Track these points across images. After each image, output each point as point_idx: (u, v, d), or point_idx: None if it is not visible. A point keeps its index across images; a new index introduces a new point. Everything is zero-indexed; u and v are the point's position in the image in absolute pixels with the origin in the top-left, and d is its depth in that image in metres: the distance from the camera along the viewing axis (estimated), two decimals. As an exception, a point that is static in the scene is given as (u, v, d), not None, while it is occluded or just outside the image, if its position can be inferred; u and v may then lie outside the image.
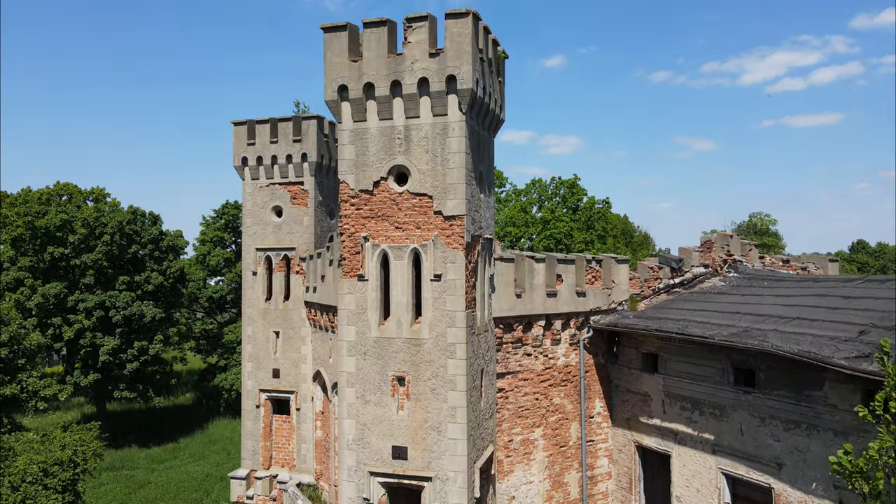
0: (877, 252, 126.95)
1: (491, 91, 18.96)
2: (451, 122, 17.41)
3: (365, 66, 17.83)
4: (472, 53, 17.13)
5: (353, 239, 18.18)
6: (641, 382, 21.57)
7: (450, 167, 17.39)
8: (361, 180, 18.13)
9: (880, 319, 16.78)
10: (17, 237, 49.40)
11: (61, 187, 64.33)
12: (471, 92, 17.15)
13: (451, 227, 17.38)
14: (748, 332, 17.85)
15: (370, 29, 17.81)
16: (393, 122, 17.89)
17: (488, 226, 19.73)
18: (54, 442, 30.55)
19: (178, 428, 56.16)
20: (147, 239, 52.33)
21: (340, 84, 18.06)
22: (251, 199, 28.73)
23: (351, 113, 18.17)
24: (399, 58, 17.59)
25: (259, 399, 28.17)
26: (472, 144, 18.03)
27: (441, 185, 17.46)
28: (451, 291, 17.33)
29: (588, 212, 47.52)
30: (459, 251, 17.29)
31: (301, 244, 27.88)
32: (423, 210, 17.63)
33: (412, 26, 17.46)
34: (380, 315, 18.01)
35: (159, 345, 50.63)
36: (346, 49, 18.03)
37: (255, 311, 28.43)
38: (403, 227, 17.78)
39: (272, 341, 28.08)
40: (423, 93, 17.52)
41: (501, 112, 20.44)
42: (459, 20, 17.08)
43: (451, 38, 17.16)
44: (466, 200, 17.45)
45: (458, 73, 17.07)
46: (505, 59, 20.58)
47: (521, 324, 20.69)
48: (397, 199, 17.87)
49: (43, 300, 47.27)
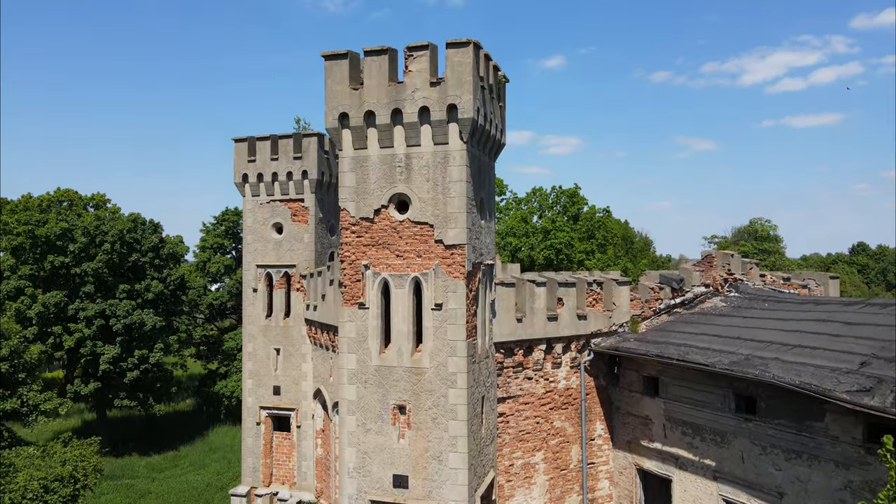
0: (877, 254, 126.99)
1: (492, 117, 18.93)
2: (452, 151, 17.39)
3: (366, 94, 17.80)
4: (473, 82, 17.10)
5: (353, 267, 18.16)
6: (642, 406, 21.56)
7: (451, 196, 17.36)
8: (362, 208, 18.11)
9: (881, 350, 16.76)
10: (18, 246, 49.32)
11: (62, 193, 64.31)
12: (472, 121, 17.13)
13: (451, 256, 17.35)
14: (749, 360, 17.83)
15: (371, 57, 17.78)
16: (394, 150, 17.87)
17: (489, 251, 19.71)
18: (54, 457, 30.54)
19: (178, 435, 56.12)
20: (147, 247, 52.26)
21: (341, 112, 18.03)
22: (251, 216, 28.70)
23: (352, 140, 18.14)
24: (400, 86, 17.57)
25: (259, 416, 28.16)
26: (473, 172, 18.00)
27: (442, 213, 17.43)
28: (451, 321, 17.31)
29: (589, 221, 47.48)
30: (460, 280, 17.27)
31: (301, 261, 27.85)
32: (424, 238, 17.60)
33: (413, 55, 17.44)
34: (380, 343, 18.00)
35: (159, 353, 50.54)
36: (346, 77, 18.00)
37: (256, 328, 28.42)
38: (404, 256, 17.76)
39: (273, 358, 28.07)
40: (424, 121, 17.50)
41: (503, 136, 20.41)
42: (460, 49, 17.05)
43: (451, 68, 17.13)
44: (467, 229, 17.42)
45: (459, 102, 17.05)
46: (505, 84, 20.56)
47: (521, 348, 20.68)
48: (398, 228, 17.85)
49: (43, 309, 47.22)
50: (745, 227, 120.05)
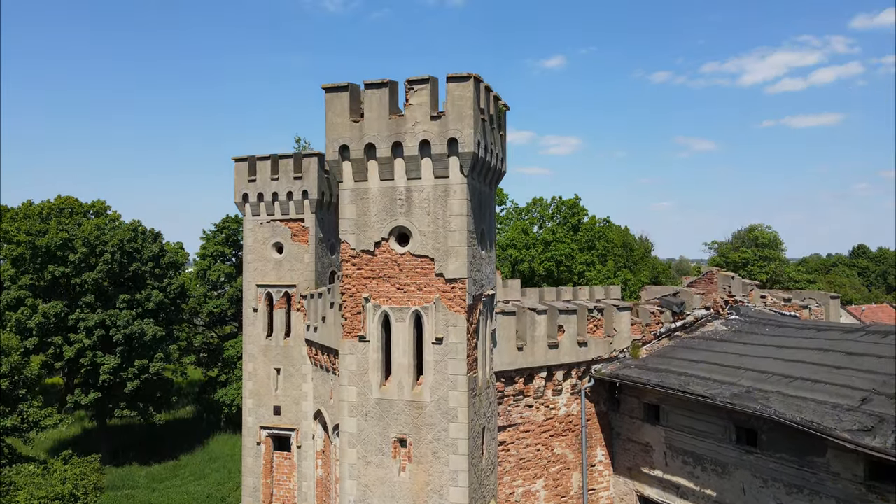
0: (877, 257, 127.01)
1: (492, 147, 18.89)
2: (452, 185, 17.36)
3: (366, 126, 17.77)
4: (474, 116, 17.07)
5: (353, 299, 18.14)
6: (643, 432, 21.55)
7: (451, 230, 17.34)
8: (363, 240, 18.08)
9: (882, 385, 16.75)
10: (18, 256, 49.31)
11: (62, 201, 64.25)
12: (472, 155, 17.10)
13: (452, 290, 17.33)
14: (750, 392, 17.82)
15: (371, 90, 17.75)
16: (394, 182, 17.84)
17: (489, 282, 19.68)
18: (55, 475, 30.59)
19: (178, 444, 56.16)
20: (147, 256, 52.25)
21: (342, 144, 18.01)
22: (252, 236, 28.67)
23: (352, 173, 18.11)
24: (400, 119, 17.54)
25: (260, 436, 28.16)
26: (474, 205, 17.97)
27: (443, 247, 17.41)
28: (452, 355, 17.30)
29: (589, 232, 47.45)
30: (461, 314, 17.25)
31: (302, 281, 27.83)
32: (425, 272, 17.58)
33: (414, 88, 17.41)
34: (381, 376, 17.99)
35: (160, 363, 50.60)
36: (347, 109, 17.97)
37: (256, 348, 28.40)
38: (405, 289, 17.74)
39: (273, 378, 28.06)
40: (425, 154, 17.48)
41: (503, 165, 20.38)
42: (461, 83, 17.03)
43: (452, 101, 17.10)
44: (468, 263, 17.40)
45: (460, 136, 17.02)
46: (506, 112, 20.52)
47: (522, 376, 20.66)
48: (399, 261, 17.82)
49: (43, 320, 47.23)
50: (746, 231, 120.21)
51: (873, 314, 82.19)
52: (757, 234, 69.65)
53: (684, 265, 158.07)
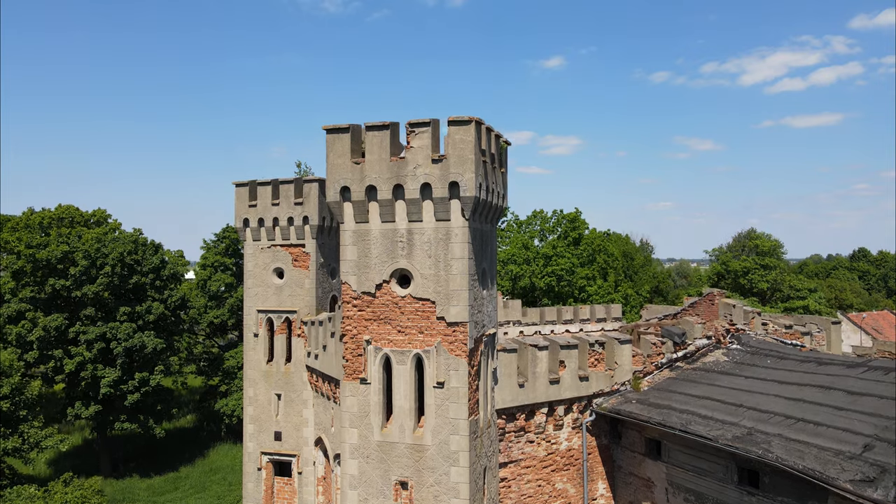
0: (878, 260, 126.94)
1: (493, 187, 18.84)
2: (453, 228, 17.31)
3: (367, 168, 17.72)
4: (475, 160, 17.02)
5: (355, 341, 18.10)
6: (644, 467, 21.52)
7: (453, 273, 17.29)
8: (364, 282, 18.04)
9: (884, 430, 16.71)
10: (19, 269, 49.26)
11: (63, 210, 64.23)
12: (474, 199, 17.05)
13: (453, 333, 17.29)
14: (752, 435, 17.79)
15: (372, 132, 17.70)
16: (395, 224, 17.79)
17: (491, 320, 19.64)
18: (55, 497, 30.61)
19: (178, 455, 56.19)
20: (148, 268, 52.19)
21: (343, 185, 17.96)
22: (252, 260, 28.62)
23: (353, 214, 18.07)
24: (402, 161, 17.49)
25: (261, 462, 28.14)
26: (476, 246, 17.92)
27: (444, 290, 17.36)
28: (454, 399, 17.27)
29: (590, 246, 47.39)
30: (462, 358, 17.21)
31: (303, 307, 27.80)
32: (426, 315, 17.54)
33: (415, 131, 17.36)
34: (382, 418, 17.96)
35: (160, 375, 50.59)
36: (348, 150, 17.92)
37: (257, 373, 28.37)
38: (406, 332, 17.70)
39: (274, 404, 28.04)
40: (426, 197, 17.42)
41: (504, 201, 20.32)
42: (462, 127, 16.97)
43: (453, 145, 17.05)
44: (469, 306, 17.35)
45: (462, 180, 16.98)
46: (507, 147, 20.46)
47: (523, 412, 20.62)
48: (400, 303, 17.78)
49: (44, 333, 47.20)
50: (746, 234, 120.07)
51: (874, 321, 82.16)
52: (757, 242, 69.49)
53: (685, 267, 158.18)
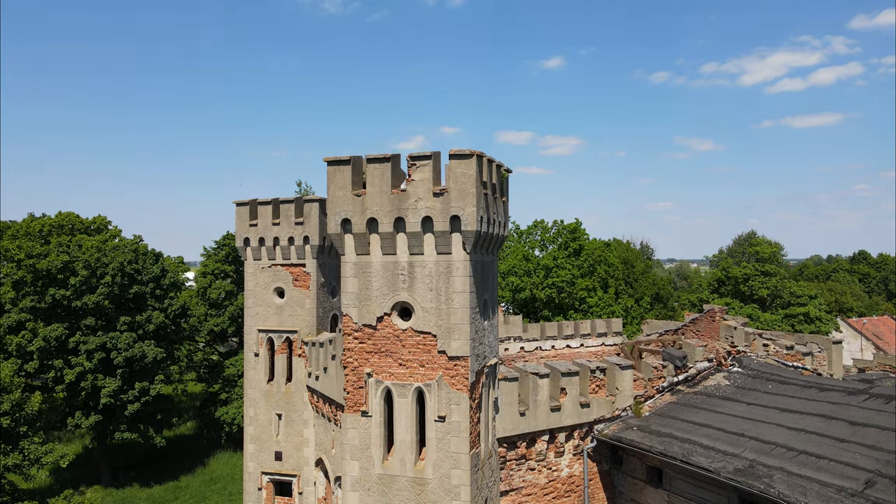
0: (878, 263, 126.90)
1: (495, 217, 18.79)
2: (455, 262, 17.27)
3: (368, 201, 17.68)
4: (477, 193, 16.98)
5: (356, 373, 18.07)
6: (646, 495, 21.50)
7: (454, 307, 17.25)
8: (365, 314, 18.00)
9: (885, 465, 16.73)
10: (19, 279, 49.21)
11: (63, 217, 64.18)
12: (475, 233, 17.01)
13: (455, 367, 17.26)
14: (754, 468, 17.78)
15: (373, 164, 17.66)
16: (396, 257, 17.75)
17: (492, 351, 19.61)
18: (56, 514, 30.62)
19: (179, 463, 56.21)
20: (148, 277, 52.15)
21: (344, 217, 17.92)
22: (253, 280, 28.58)
23: (354, 246, 18.02)
24: (403, 195, 17.44)
25: (261, 481, 28.12)
26: (477, 278, 17.88)
27: (445, 324, 17.33)
28: (455, 433, 17.24)
29: (590, 256, 47.36)
30: (464, 393, 17.18)
31: (303, 327, 27.76)
32: (427, 348, 17.51)
33: (416, 164, 17.31)
34: (383, 451, 17.94)
35: (160, 384, 50.59)
36: (349, 182, 17.88)
37: (258, 393, 28.34)
38: (407, 365, 17.67)
39: (274, 423, 28.01)
40: (427, 230, 17.39)
41: (505, 230, 20.27)
42: (463, 161, 16.93)
43: (454, 178, 17.00)
44: (471, 340, 17.32)
45: (463, 214, 16.93)
46: (509, 175, 20.42)
47: (524, 440, 20.60)
48: (401, 336, 17.75)
49: (44, 343, 47.17)
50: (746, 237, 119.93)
51: (874, 326, 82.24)
52: (758, 248, 69.43)
53: (685, 269, 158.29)
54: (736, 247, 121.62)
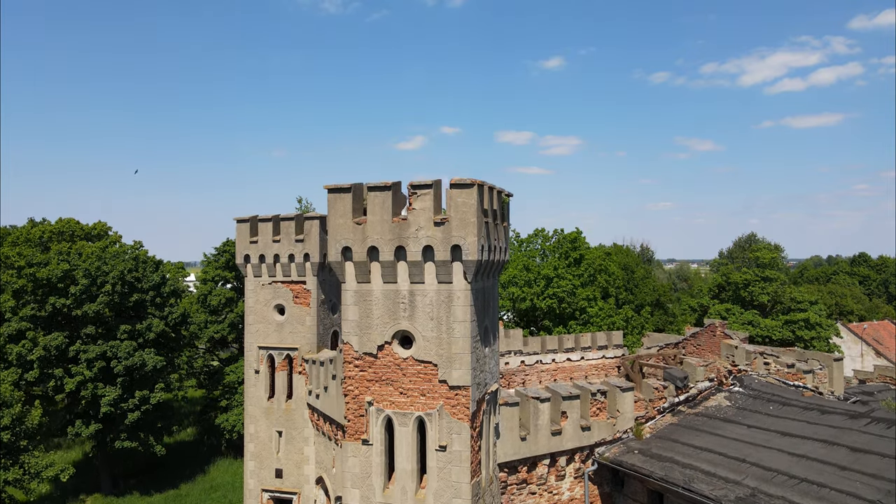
0: (878, 265, 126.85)
1: (496, 244, 18.74)
2: (456, 291, 17.23)
3: (369, 229, 17.63)
4: (478, 223, 16.93)
5: (357, 401, 18.04)
6: (646, 518, 21.47)
7: (455, 337, 17.22)
8: (365, 343, 17.97)
9: (886, 495, 16.71)
10: (20, 288, 49.17)
11: (63, 224, 64.23)
12: (476, 262, 16.97)
13: (456, 396, 17.23)
14: (756, 497, 17.74)
15: (374, 192, 17.61)
16: (397, 285, 17.71)
17: (493, 376, 19.57)
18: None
19: (179, 471, 56.15)
20: (148, 286, 52.09)
21: (344, 246, 17.88)
22: (253, 296, 28.55)
23: (355, 274, 17.98)
24: (404, 223, 17.40)
25: (262, 499, 28.11)
26: (478, 307, 17.84)
27: (446, 353, 17.29)
28: (456, 462, 17.21)
29: (591, 266, 47.34)
30: (465, 422, 17.15)
31: (304, 344, 27.73)
32: (428, 377, 17.48)
33: (417, 193, 17.27)
34: (384, 480, 17.91)
35: (160, 392, 50.53)
36: (349, 211, 17.84)
37: (258, 410, 28.32)
38: (408, 394, 17.64)
39: (275, 441, 27.99)
40: (428, 259, 17.35)
41: (506, 255, 20.23)
42: (464, 190, 16.89)
43: (455, 208, 16.96)
44: (472, 370, 17.29)
45: (464, 243, 16.89)
46: (510, 199, 20.37)
47: (525, 465, 20.58)
48: (402, 365, 17.71)
49: (44, 352, 47.12)
50: (746, 239, 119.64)
51: (874, 331, 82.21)
52: (758, 254, 69.38)
53: (685, 270, 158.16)
54: (736, 249, 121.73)
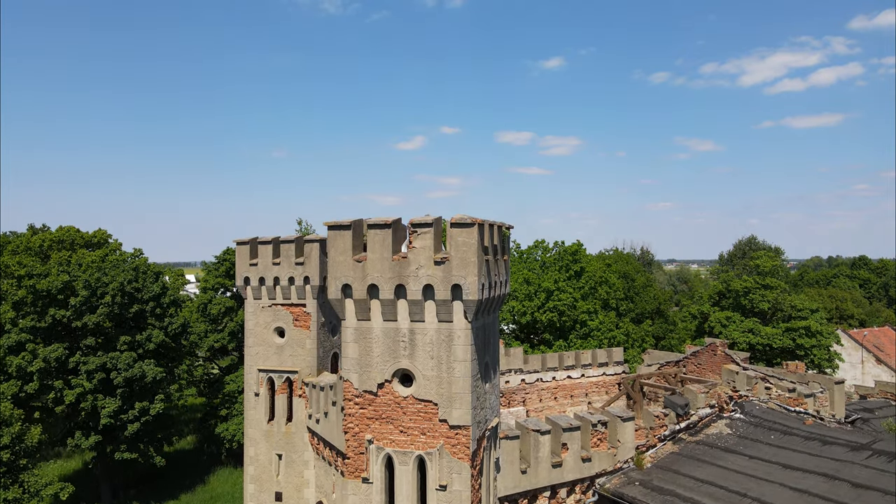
0: (878, 268, 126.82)
1: (496, 279, 18.65)
2: (456, 330, 17.16)
3: (369, 267, 17.55)
4: (478, 262, 16.85)
5: (357, 439, 17.98)
6: (647, 549, 21.41)
7: (455, 376, 17.15)
8: (365, 381, 17.90)
9: (890, 537, 16.66)
10: (20, 300, 49.09)
11: (63, 232, 64.12)
12: (476, 302, 16.89)
13: (456, 436, 17.17)
14: (756, 535, 17.71)
15: (374, 230, 17.52)
16: (397, 324, 17.64)
17: (493, 411, 19.51)
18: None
19: (179, 481, 56.21)
20: (148, 296, 52.03)
21: (344, 283, 17.79)
22: (253, 319, 28.48)
23: (355, 312, 17.91)
24: (404, 261, 17.32)
25: (262, 522, 28.05)
26: (479, 345, 17.77)
27: (446, 392, 17.23)
28: (456, 502, 17.15)
29: (591, 280, 47.26)
30: (465, 462, 17.09)
31: (304, 367, 27.67)
32: (429, 416, 17.41)
33: (417, 231, 17.19)
34: (384, 518, 17.84)
35: (160, 404, 50.49)
36: (349, 248, 17.76)
37: (258, 433, 28.27)
38: (408, 432, 17.57)
39: (275, 464, 27.95)
40: (428, 297, 17.26)
41: (506, 288, 20.15)
42: (465, 230, 16.80)
43: (455, 247, 16.88)
44: (472, 409, 17.22)
45: (464, 283, 16.81)
46: (510, 231, 20.29)
47: (526, 498, 20.52)
48: (402, 403, 17.64)
49: (44, 364, 47.07)
50: (747, 242, 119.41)
51: (875, 337, 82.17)
52: (758, 262, 69.32)
53: (685, 272, 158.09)
54: (736, 252, 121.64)
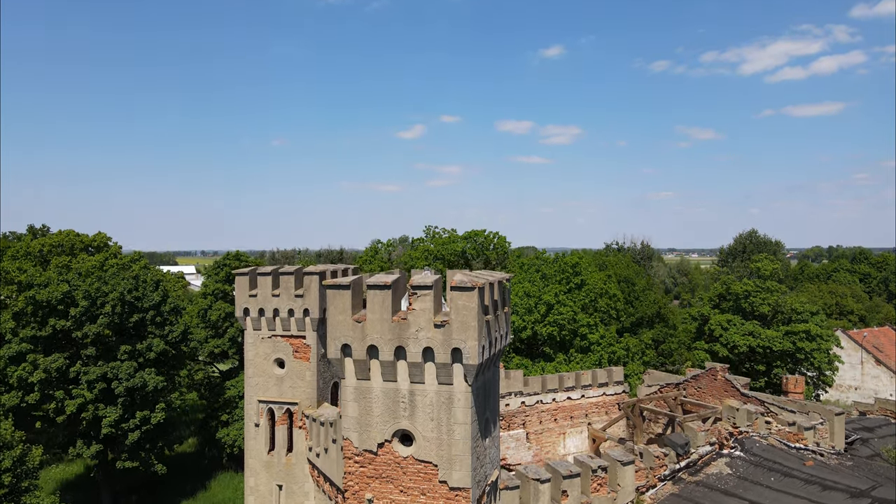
0: (878, 263, 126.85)
1: (497, 335, 18.58)
2: (456, 393, 17.13)
3: (369, 328, 17.48)
4: (478, 326, 16.77)
5: (357, 497, 18.00)
6: None
7: (455, 438, 17.14)
8: (365, 440, 17.89)
9: None
10: (20, 311, 49.07)
11: (63, 237, 64.01)
12: (477, 366, 16.84)
13: (456, 497, 17.19)
14: None
15: (373, 290, 17.42)
16: (397, 384, 17.60)
17: (493, 464, 19.51)
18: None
19: (180, 486, 56.48)
20: (148, 305, 52.00)
21: (344, 343, 17.73)
22: (253, 350, 28.46)
23: (354, 371, 17.86)
24: (404, 323, 17.24)
25: (263, 552, 28.19)
26: (479, 404, 17.73)
27: (446, 454, 17.22)
28: (456, 564, 17.19)
29: (591, 293, 47.20)
30: (465, 524, 17.11)
31: (304, 398, 27.69)
32: (428, 477, 17.42)
33: (417, 294, 17.09)
34: (384, 576, 17.89)
35: (161, 413, 50.62)
36: (349, 307, 17.67)
37: (258, 464, 28.34)
38: (408, 492, 17.59)
39: (275, 494, 28.04)
40: (428, 359, 17.21)
41: (507, 339, 20.09)
42: (465, 293, 16.71)
43: (456, 310, 16.79)
44: (472, 471, 17.22)
45: (464, 347, 16.75)
46: (510, 283, 20.19)
47: (525, 546, 20.59)
48: (402, 463, 17.64)
49: (45, 375, 47.11)
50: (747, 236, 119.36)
51: (874, 338, 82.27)
52: (759, 265, 69.23)
53: (685, 264, 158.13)
54: (737, 245, 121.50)
